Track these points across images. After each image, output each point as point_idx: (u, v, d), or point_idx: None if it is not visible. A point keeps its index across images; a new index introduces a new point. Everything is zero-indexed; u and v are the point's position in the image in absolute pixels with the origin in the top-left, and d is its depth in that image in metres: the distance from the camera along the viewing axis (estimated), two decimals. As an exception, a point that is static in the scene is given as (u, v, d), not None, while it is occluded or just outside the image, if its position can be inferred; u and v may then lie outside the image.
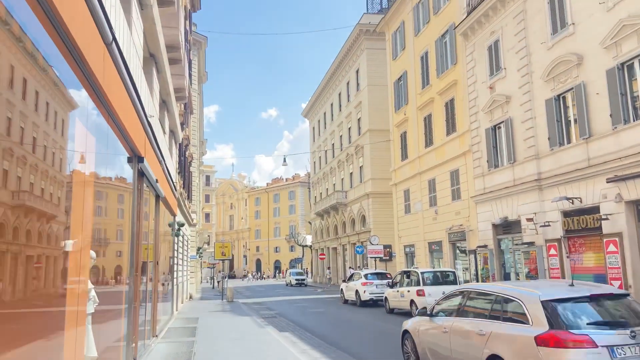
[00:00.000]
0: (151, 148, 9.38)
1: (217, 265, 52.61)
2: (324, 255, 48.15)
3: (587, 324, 5.51)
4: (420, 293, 16.04)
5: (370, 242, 29.80)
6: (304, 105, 61.79)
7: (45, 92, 3.97)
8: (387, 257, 33.22)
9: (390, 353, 10.49)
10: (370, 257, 29.82)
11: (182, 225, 18.67)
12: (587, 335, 5.30)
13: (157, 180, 10.12)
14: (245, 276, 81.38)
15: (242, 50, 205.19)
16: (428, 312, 7.98)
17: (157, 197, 11.94)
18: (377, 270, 24.45)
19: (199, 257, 48.50)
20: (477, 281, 22.59)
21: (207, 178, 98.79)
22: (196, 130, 35.26)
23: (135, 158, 7.99)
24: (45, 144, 4.11)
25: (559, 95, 18.05)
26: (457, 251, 25.51)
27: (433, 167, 27.42)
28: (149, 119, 9.00)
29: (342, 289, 25.16)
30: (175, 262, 19.62)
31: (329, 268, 45.82)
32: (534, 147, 19.06)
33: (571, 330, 5.39)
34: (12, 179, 3.30)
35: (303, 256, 73.05)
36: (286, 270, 71.22)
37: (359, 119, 40.93)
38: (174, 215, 17.77)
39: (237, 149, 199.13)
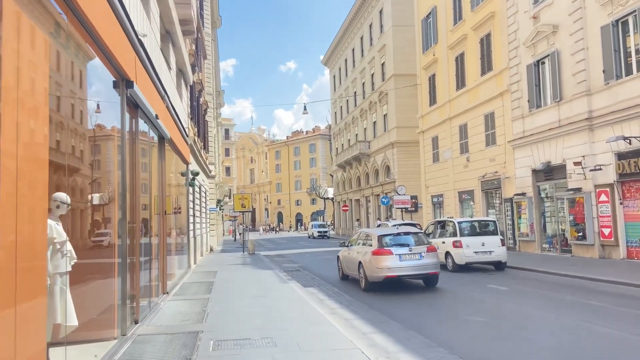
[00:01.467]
0: (145, 74, 7.84)
1: (239, 217, 52.09)
2: (347, 207, 46.84)
3: (392, 244, 11.64)
4: (457, 244, 14.54)
5: (397, 193, 28.26)
6: (322, 56, 59.10)
7: None
8: (413, 208, 31.72)
9: (437, 314, 9.16)
10: (397, 208, 28.39)
11: (197, 174, 17.36)
12: (390, 249, 11.46)
13: (157, 117, 8.64)
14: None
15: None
16: (346, 245, 14.21)
17: (162, 138, 10.52)
18: (406, 221, 23.02)
19: (220, 210, 47.90)
20: (514, 231, 21.06)
21: (226, 131, 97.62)
22: (211, 78, 33.55)
23: (123, 82, 6.48)
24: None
25: (617, 21, 15.75)
26: (491, 200, 23.86)
27: (465, 111, 25.38)
28: (141, 37, 7.42)
29: (367, 240, 23.91)
30: (192, 213, 18.51)
31: (358, 220, 44.27)
32: (585, 82, 16.94)
33: (384, 247, 11.53)
34: None
35: (325, 209, 72.30)
36: (307, 223, 70.75)
37: (382, 64, 38.52)
38: (186, 163, 16.44)
39: (257, 103, 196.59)
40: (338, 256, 14.66)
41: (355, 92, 46.71)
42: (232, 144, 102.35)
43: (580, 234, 17.12)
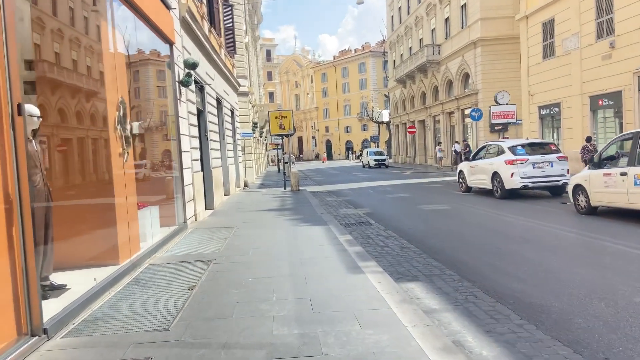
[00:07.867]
0: None
1: (284, 144, 45.57)
2: (414, 128, 36.75)
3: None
4: None
5: (497, 102, 20.18)
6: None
7: None
8: (500, 127, 23.48)
9: None
10: (495, 124, 20.47)
11: (194, 66, 10.35)
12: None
13: None
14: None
15: None
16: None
17: None
18: (533, 140, 15.30)
19: (261, 136, 41.27)
20: None
21: (268, 53, 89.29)
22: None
23: None
24: None
25: None
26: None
27: (611, -30, 16.53)
28: None
29: (460, 171, 16.49)
30: (193, 134, 11.67)
31: (439, 143, 34.18)
32: None
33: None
34: None
35: (379, 134, 64.63)
36: (358, 151, 63.38)
37: None
38: (169, 43, 9.35)
39: (300, 29, 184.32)
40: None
41: (419, -16, 37.26)
42: (275, 67, 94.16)
43: None
